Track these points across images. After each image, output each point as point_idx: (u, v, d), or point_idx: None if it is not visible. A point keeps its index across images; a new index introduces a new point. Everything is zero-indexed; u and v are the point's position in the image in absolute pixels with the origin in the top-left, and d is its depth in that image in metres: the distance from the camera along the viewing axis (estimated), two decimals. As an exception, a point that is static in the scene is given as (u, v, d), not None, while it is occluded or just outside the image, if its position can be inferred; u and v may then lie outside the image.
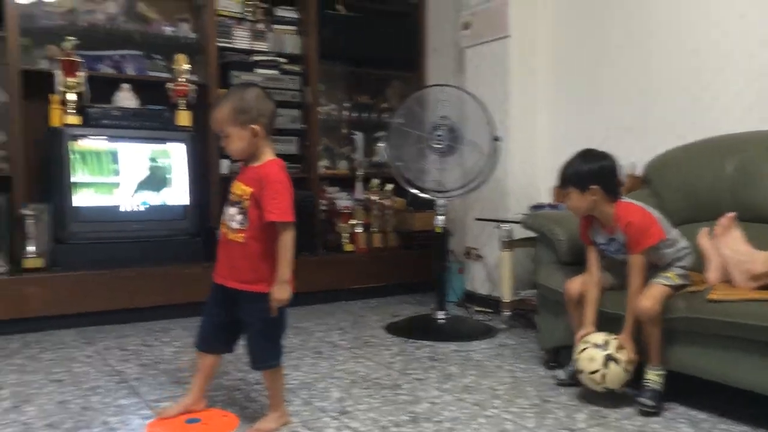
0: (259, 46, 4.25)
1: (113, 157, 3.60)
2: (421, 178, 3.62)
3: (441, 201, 3.56)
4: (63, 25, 3.73)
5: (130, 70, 3.93)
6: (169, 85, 3.84)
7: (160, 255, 3.67)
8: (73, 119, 3.53)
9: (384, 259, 4.38)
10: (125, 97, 3.79)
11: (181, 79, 3.83)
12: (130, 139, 3.64)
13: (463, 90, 3.64)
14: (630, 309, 2.33)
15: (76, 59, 3.55)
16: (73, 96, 3.53)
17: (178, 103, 3.85)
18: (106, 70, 3.86)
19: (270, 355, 2.13)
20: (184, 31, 4.09)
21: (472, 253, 4.11)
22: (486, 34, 4.02)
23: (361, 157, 4.75)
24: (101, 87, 3.71)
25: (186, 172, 3.76)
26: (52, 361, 2.86)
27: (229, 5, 4.18)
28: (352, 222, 4.34)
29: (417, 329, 3.45)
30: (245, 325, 2.13)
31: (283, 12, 4.39)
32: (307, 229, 4.16)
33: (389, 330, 3.48)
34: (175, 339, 3.24)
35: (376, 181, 4.48)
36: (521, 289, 3.62)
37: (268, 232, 2.05)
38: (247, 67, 4.16)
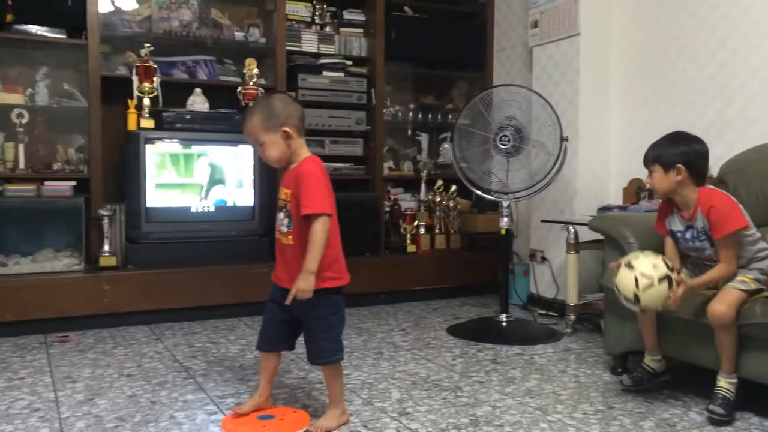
0: (327, 49, 4.30)
1: (185, 160, 3.72)
2: (486, 179, 3.59)
3: (506, 202, 3.52)
4: (140, 33, 3.88)
5: (202, 74, 4.05)
6: (239, 88, 3.93)
7: (229, 255, 3.77)
8: (148, 123, 3.66)
9: (447, 260, 4.36)
10: (197, 101, 3.90)
11: (251, 83, 3.92)
12: (202, 141, 3.75)
13: (530, 89, 3.59)
14: (711, 273, 2.27)
15: (151, 65, 3.68)
16: (149, 101, 3.67)
17: (247, 106, 3.93)
18: (179, 75, 3.99)
19: (329, 350, 2.15)
20: (255, 35, 4.18)
21: (537, 255, 4.04)
22: (555, 33, 3.95)
23: (425, 158, 4.74)
24: (175, 91, 3.84)
25: (254, 174, 3.84)
26: (124, 356, 2.97)
27: (298, 10, 4.25)
28: (416, 223, 4.34)
29: (479, 332, 3.42)
30: (304, 323, 2.17)
31: (351, 15, 4.42)
32: (370, 230, 4.19)
33: (451, 332, 3.45)
34: (240, 337, 3.32)
35: (440, 183, 4.46)
36: (587, 292, 3.53)
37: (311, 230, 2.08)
38: (314, 70, 4.21)
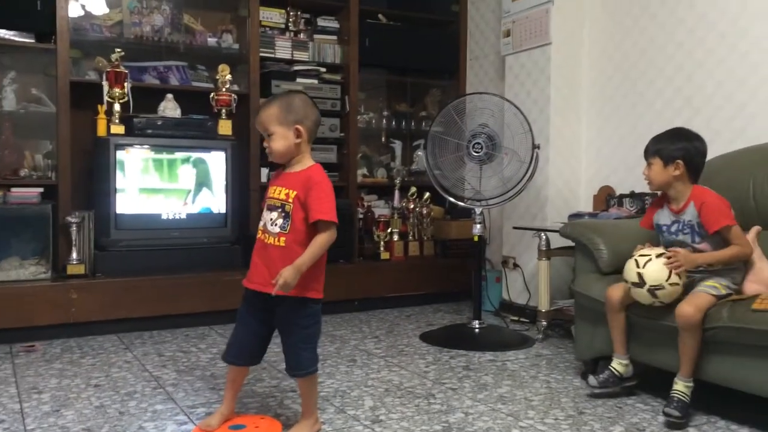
0: (301, 56, 4.29)
1: (156, 166, 3.67)
2: (459, 186, 3.60)
3: (479, 209, 3.54)
4: (111, 37, 3.83)
5: (174, 80, 4.01)
6: (212, 95, 3.90)
7: (200, 262, 3.73)
8: (119, 129, 3.62)
9: (420, 267, 4.37)
10: (169, 107, 3.86)
11: (224, 89, 3.89)
12: (173, 148, 3.71)
13: (503, 98, 3.62)
14: (723, 252, 2.34)
15: (122, 70, 3.64)
16: (119, 106, 3.62)
17: (220, 112, 3.91)
18: (151, 80, 3.95)
19: (308, 361, 2.12)
20: (228, 41, 4.16)
21: (510, 262, 4.07)
22: (527, 42, 3.99)
23: (399, 165, 4.76)
24: (146, 97, 3.80)
25: (227, 181, 3.81)
26: (92, 366, 2.92)
27: (272, 16, 4.23)
28: (390, 230, 4.34)
29: (452, 338, 3.43)
30: (283, 332, 2.13)
31: (325, 22, 4.42)
32: (344, 237, 4.16)
33: (424, 339, 3.46)
34: (211, 346, 3.29)
35: (414, 190, 4.47)
36: (558, 298, 3.57)
37: (310, 235, 2.06)
38: (288, 76, 4.20)
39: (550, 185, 3.84)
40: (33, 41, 3.58)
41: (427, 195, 4.41)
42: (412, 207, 4.46)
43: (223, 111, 3.90)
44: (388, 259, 4.31)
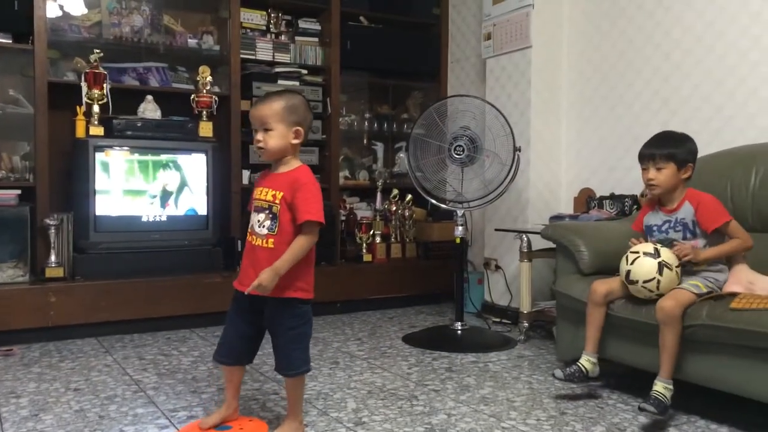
0: (282, 58, 4.28)
1: (136, 168, 3.64)
2: (441, 188, 3.61)
3: (460, 211, 3.55)
4: (89, 38, 3.80)
5: (154, 81, 3.98)
6: (193, 96, 3.88)
7: (181, 265, 3.70)
8: (98, 130, 3.58)
9: (403, 269, 4.37)
10: (149, 109, 3.83)
11: (204, 91, 3.87)
12: (153, 150, 3.68)
13: (484, 100, 3.63)
14: (724, 246, 2.40)
15: (101, 71, 3.61)
16: (98, 108, 3.59)
17: (201, 114, 3.89)
18: (130, 82, 3.92)
19: (300, 361, 2.12)
20: (209, 43, 4.14)
21: (491, 264, 4.09)
22: (508, 45, 4.01)
23: (381, 167, 4.76)
24: (126, 98, 3.76)
25: (207, 183, 3.79)
26: (71, 370, 2.89)
27: (253, 18, 4.22)
28: (372, 232, 4.34)
29: (435, 340, 3.43)
30: (272, 333, 2.13)
31: (306, 24, 4.42)
32: (326, 239, 4.15)
33: (407, 341, 3.46)
34: (193, 349, 3.26)
35: (396, 192, 4.47)
36: (540, 300, 3.59)
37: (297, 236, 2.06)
38: (269, 78, 4.19)
39: (531, 187, 3.86)
40: (10, 42, 3.54)
41: (409, 197, 4.41)
42: (394, 209, 4.47)
43: (204, 113, 3.88)
44: (371, 261, 4.31)
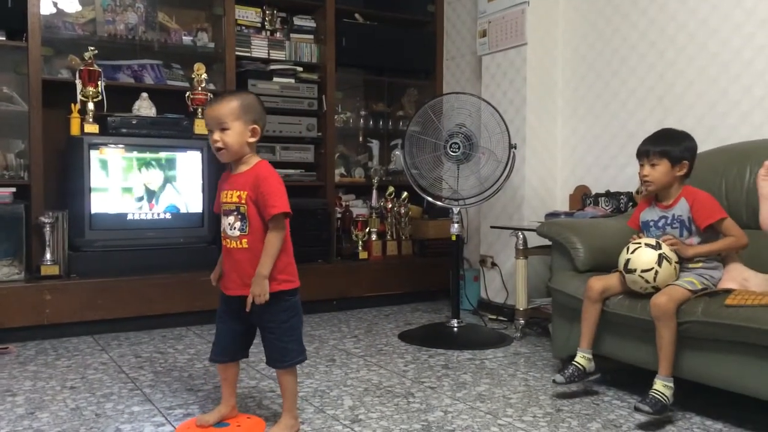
0: (277, 55, 4.28)
1: (131, 166, 3.63)
2: (437, 185, 3.62)
3: (456, 209, 3.55)
4: (84, 35, 3.79)
5: (149, 79, 3.97)
6: (188, 94, 3.87)
7: (176, 262, 3.70)
8: (92, 128, 3.57)
9: (398, 266, 4.38)
10: (144, 106, 3.82)
11: (200, 88, 3.86)
12: (148, 147, 3.68)
13: (480, 98, 3.64)
14: (718, 243, 2.40)
15: (95, 69, 3.59)
16: (93, 105, 3.58)
17: (196, 111, 3.88)
18: (125, 79, 3.90)
19: (294, 352, 2.13)
20: (203, 40, 4.13)
21: (487, 261, 4.09)
22: (503, 42, 4.02)
23: (377, 165, 4.76)
24: (121, 96, 3.76)
25: (203, 180, 3.78)
26: (67, 368, 2.88)
27: (248, 15, 4.21)
28: (367, 230, 4.34)
29: (431, 337, 3.43)
30: (264, 329, 2.13)
31: (301, 21, 4.41)
32: (321, 236, 4.17)
33: (403, 338, 3.46)
34: (189, 346, 3.26)
35: (391, 189, 4.48)
36: (536, 297, 3.60)
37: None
38: (265, 75, 4.19)
39: (526, 185, 3.87)
40: (4, 39, 3.52)
41: (404, 194, 4.42)
42: (390, 206, 4.47)
43: (199, 110, 3.87)
44: (367, 258, 4.31)
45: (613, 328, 2.52)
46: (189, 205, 3.77)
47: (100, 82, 3.61)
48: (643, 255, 2.36)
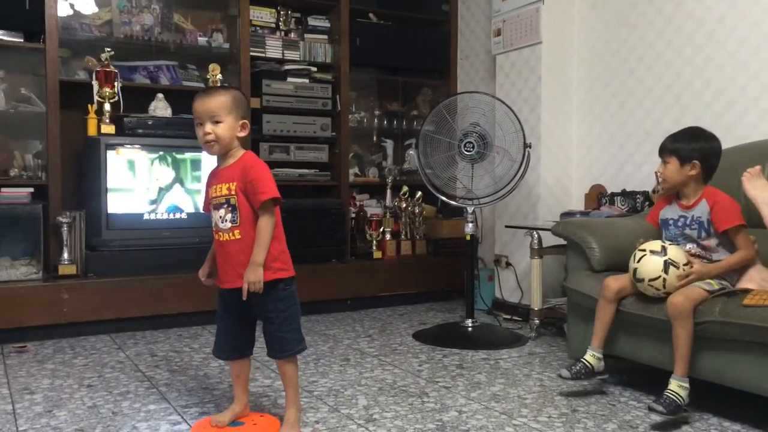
0: (291, 55, 4.29)
1: (147, 166, 3.66)
2: (451, 185, 3.61)
3: (471, 208, 3.54)
4: (100, 37, 3.82)
5: (165, 80, 3.99)
6: (202, 94, 3.89)
7: (192, 262, 3.67)
8: (109, 128, 3.60)
9: (413, 266, 4.37)
10: (159, 107, 3.85)
11: (214, 89, 3.88)
12: (164, 147, 3.70)
13: (494, 97, 3.63)
14: (729, 259, 2.37)
15: (112, 70, 3.63)
16: (109, 106, 3.61)
17: (210, 112, 3.89)
18: (141, 80, 3.93)
19: (294, 341, 2.14)
20: (218, 41, 4.15)
21: (502, 261, 4.08)
22: (517, 41, 4.00)
23: (391, 164, 4.76)
24: (137, 97, 3.78)
25: (218, 180, 3.80)
26: (85, 366, 2.91)
27: (263, 15, 4.23)
28: (382, 229, 4.34)
29: (445, 337, 3.43)
30: (263, 320, 2.14)
31: (315, 21, 4.42)
32: (336, 236, 4.18)
33: (417, 337, 3.46)
34: (204, 345, 3.27)
35: (405, 189, 4.47)
36: (551, 297, 3.58)
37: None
38: (279, 76, 4.20)
39: (541, 184, 3.85)
40: (22, 41, 3.56)
41: (419, 194, 4.42)
42: (404, 206, 4.47)
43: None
44: (381, 258, 4.31)
45: (629, 328, 2.51)
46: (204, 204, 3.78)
47: (116, 83, 3.64)
48: (648, 264, 2.33)
